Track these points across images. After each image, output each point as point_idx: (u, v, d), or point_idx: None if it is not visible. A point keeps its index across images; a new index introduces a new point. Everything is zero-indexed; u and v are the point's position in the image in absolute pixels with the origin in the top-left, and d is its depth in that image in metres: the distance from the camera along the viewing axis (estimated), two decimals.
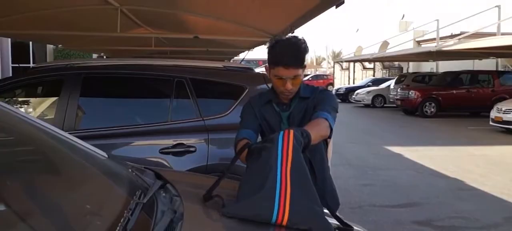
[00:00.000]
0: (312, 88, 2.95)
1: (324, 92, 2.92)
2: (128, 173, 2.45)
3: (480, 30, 20.83)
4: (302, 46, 2.72)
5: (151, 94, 5.11)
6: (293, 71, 2.70)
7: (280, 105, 2.92)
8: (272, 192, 1.97)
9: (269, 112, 2.93)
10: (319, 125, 2.55)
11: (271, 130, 2.87)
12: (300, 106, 2.87)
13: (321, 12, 5.74)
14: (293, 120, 2.86)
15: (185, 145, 4.46)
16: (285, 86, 2.75)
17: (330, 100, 2.81)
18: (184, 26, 9.96)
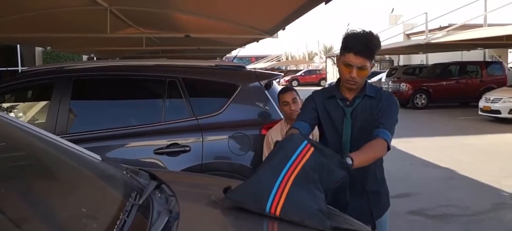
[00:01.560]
0: (377, 89, 2.98)
1: (390, 98, 2.93)
2: (123, 175, 2.45)
3: (468, 22, 20.95)
4: (375, 39, 2.76)
5: (143, 95, 5.10)
6: (361, 60, 2.74)
7: (344, 101, 2.94)
8: (272, 184, 2.07)
9: (332, 106, 2.96)
10: (376, 148, 2.66)
11: (332, 123, 2.95)
12: (365, 104, 2.90)
13: (312, 8, 5.76)
14: (356, 116, 2.90)
15: (179, 145, 4.46)
16: (351, 74, 2.78)
17: (394, 111, 2.86)
18: (175, 25, 9.94)
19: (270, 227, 2.05)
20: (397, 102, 2.93)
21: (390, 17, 42.63)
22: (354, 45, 2.74)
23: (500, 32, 17.44)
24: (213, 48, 16.11)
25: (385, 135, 2.68)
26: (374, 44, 2.75)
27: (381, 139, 2.66)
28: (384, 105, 2.85)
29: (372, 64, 2.81)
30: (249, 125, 4.63)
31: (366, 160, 2.57)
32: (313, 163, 2.17)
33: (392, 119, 2.80)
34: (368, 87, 2.92)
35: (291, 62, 63.76)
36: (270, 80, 4.95)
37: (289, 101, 4.15)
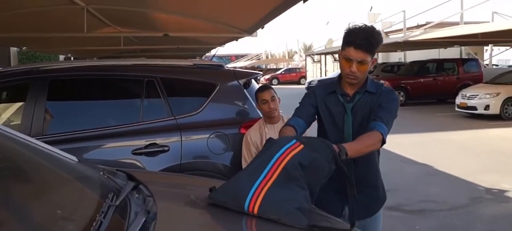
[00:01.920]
0: (377, 84, 2.96)
1: (389, 94, 2.91)
2: (100, 176, 2.43)
3: (444, 20, 21.20)
4: (376, 34, 2.75)
5: (121, 95, 5.05)
6: (361, 54, 2.72)
7: (344, 96, 2.93)
8: (252, 183, 2.07)
9: (333, 102, 2.95)
10: (370, 139, 2.66)
11: (332, 119, 2.94)
12: (365, 100, 2.89)
13: (290, 6, 5.79)
14: (357, 112, 2.89)
15: (158, 145, 4.43)
16: (351, 68, 2.76)
17: (392, 106, 2.85)
18: (154, 24, 9.89)
19: (249, 225, 2.05)
20: (397, 98, 2.94)
21: (368, 15, 42.80)
22: (354, 39, 2.72)
23: (476, 30, 17.70)
24: (192, 47, 16.06)
25: (381, 128, 2.69)
26: (375, 39, 2.74)
27: (376, 132, 2.67)
28: (384, 101, 2.83)
29: (374, 59, 2.82)
30: (228, 124, 4.63)
31: (359, 150, 2.59)
32: (299, 160, 2.14)
33: (390, 114, 2.80)
34: (369, 83, 2.91)
35: (271, 60, 63.81)
36: (248, 79, 4.95)
37: (268, 100, 4.16)
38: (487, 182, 7.69)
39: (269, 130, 4.23)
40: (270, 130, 4.22)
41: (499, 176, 8.10)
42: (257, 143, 4.23)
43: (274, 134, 4.11)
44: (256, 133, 4.28)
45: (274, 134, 4.14)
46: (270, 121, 4.26)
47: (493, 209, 6.53)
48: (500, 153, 10.10)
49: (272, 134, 4.15)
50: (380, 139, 2.67)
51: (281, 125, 4.20)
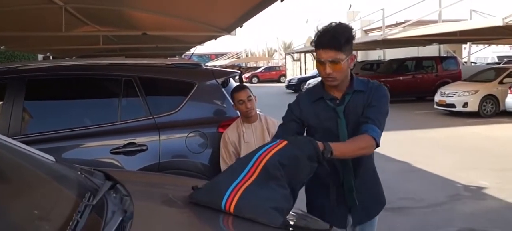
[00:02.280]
0: (365, 82, 2.85)
1: (378, 90, 2.79)
2: (77, 175, 2.43)
3: (423, 18, 21.40)
4: (340, 28, 2.65)
5: (99, 95, 5.03)
6: (331, 53, 2.61)
7: (333, 100, 2.81)
8: (230, 183, 2.09)
9: (322, 108, 2.83)
10: (361, 143, 2.59)
11: (324, 126, 2.81)
12: (356, 100, 2.78)
13: (267, 5, 5.81)
14: (349, 114, 2.77)
15: (136, 144, 4.43)
16: (325, 71, 2.66)
17: (382, 103, 2.74)
18: (132, 23, 9.85)
19: (225, 224, 2.07)
20: (386, 93, 2.81)
21: (348, 13, 43.10)
22: (320, 40, 2.65)
23: (454, 28, 17.92)
24: (171, 46, 16.01)
25: (373, 131, 2.60)
26: (341, 34, 2.63)
27: (368, 136, 2.59)
28: (373, 98, 2.74)
29: (352, 56, 2.71)
30: (206, 122, 4.64)
31: (347, 152, 2.54)
32: (278, 159, 2.13)
33: (381, 112, 2.71)
34: (356, 82, 2.81)
35: (251, 59, 63.92)
36: (227, 78, 4.97)
37: (244, 100, 4.15)
38: (465, 179, 7.79)
39: (246, 129, 4.24)
40: (248, 129, 4.24)
41: (477, 173, 8.21)
42: (235, 142, 4.24)
43: (252, 133, 4.21)
44: (233, 132, 4.28)
45: (252, 133, 4.21)
46: (247, 120, 4.27)
47: (471, 206, 6.62)
48: (478, 150, 10.24)
49: (250, 133, 4.21)
50: (373, 144, 2.60)
51: (259, 124, 4.28)
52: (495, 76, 16.91)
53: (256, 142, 4.10)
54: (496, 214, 6.25)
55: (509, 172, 8.42)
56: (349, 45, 2.67)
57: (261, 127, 4.27)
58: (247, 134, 4.20)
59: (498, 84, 16.25)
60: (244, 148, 4.16)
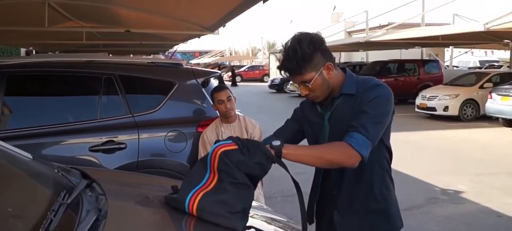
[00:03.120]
0: (361, 82, 2.42)
1: (371, 91, 2.34)
2: (54, 173, 2.43)
3: (406, 21, 21.59)
4: (293, 49, 2.28)
5: (79, 92, 5.02)
6: (296, 78, 2.37)
7: (323, 105, 2.48)
8: (194, 184, 2.05)
9: (312, 114, 2.54)
10: (330, 150, 2.24)
11: (313, 134, 2.53)
12: (345, 105, 2.39)
13: (250, 6, 5.85)
14: (334, 120, 2.42)
15: (115, 142, 4.45)
16: (303, 92, 2.40)
17: (375, 106, 2.29)
18: (116, 20, 9.83)
19: (187, 225, 2.07)
20: (382, 93, 2.35)
21: (332, 15, 43.40)
22: (283, 67, 2.37)
23: (437, 32, 18.13)
24: (154, 43, 16.00)
25: (351, 139, 2.20)
26: (295, 56, 2.27)
27: (344, 143, 2.20)
28: (363, 101, 2.31)
29: (327, 65, 2.34)
30: (186, 122, 4.67)
31: (302, 157, 2.16)
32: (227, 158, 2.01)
33: (370, 117, 2.26)
34: (346, 84, 2.41)
35: (234, 57, 63.87)
36: (207, 78, 5.00)
37: (224, 100, 4.21)
38: (443, 182, 7.88)
39: (225, 129, 4.30)
40: (227, 129, 4.30)
41: (455, 177, 8.32)
42: (212, 141, 4.23)
43: (231, 133, 4.21)
44: (212, 132, 4.33)
45: (231, 133, 4.23)
46: (226, 120, 4.32)
47: (448, 209, 6.69)
48: (457, 154, 10.35)
49: (229, 133, 4.24)
50: (350, 154, 2.19)
51: (238, 124, 4.33)
52: (475, 81, 17.12)
53: None
54: (472, 218, 6.33)
55: (487, 176, 8.53)
56: (316, 59, 2.31)
57: (239, 127, 4.33)
58: (225, 134, 4.23)
59: (478, 88, 16.43)
60: None
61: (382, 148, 2.49)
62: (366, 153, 2.21)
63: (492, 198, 7.15)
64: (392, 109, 2.40)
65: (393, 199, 2.63)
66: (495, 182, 8.11)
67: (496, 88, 14.89)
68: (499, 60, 40.58)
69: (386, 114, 2.34)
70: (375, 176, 2.51)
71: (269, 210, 3.11)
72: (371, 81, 2.41)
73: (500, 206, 6.71)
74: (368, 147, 2.22)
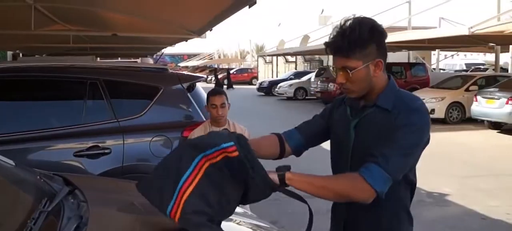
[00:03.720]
0: (401, 98, 2.12)
1: (408, 115, 2.04)
2: (36, 180, 2.43)
3: (393, 25, 21.72)
4: (351, 28, 2.04)
5: (64, 97, 5.01)
6: (340, 60, 2.09)
7: (354, 109, 2.23)
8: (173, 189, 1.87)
9: (340, 114, 2.31)
10: (341, 183, 2.02)
11: (336, 137, 2.31)
12: (375, 118, 2.12)
13: (235, 11, 5.86)
14: (360, 131, 2.17)
15: (100, 147, 4.43)
16: (338, 79, 2.13)
17: (404, 134, 2.00)
18: (103, 23, 9.79)
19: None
20: (418, 121, 2.05)
21: (319, 18, 43.45)
22: (330, 43, 2.11)
23: (424, 36, 18.25)
24: (142, 46, 15.94)
25: (369, 173, 1.94)
26: (353, 34, 2.03)
27: (360, 177, 1.94)
28: (396, 123, 2.03)
29: (377, 61, 2.09)
30: (171, 127, 4.68)
31: (307, 185, 1.97)
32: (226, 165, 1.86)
33: (396, 147, 1.98)
34: (383, 95, 2.14)
35: (223, 60, 63.86)
36: (192, 83, 5.00)
37: (217, 105, 4.21)
38: (428, 185, 7.90)
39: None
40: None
41: (440, 180, 8.36)
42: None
43: None
44: (200, 133, 4.25)
45: None
46: (216, 124, 4.32)
47: (433, 212, 6.75)
48: (443, 157, 10.37)
49: None
50: (360, 187, 1.94)
51: (227, 129, 4.18)
52: (461, 84, 17.25)
53: None
54: (457, 221, 6.40)
55: (472, 179, 8.62)
56: (369, 49, 2.07)
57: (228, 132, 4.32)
58: None
59: (464, 91, 16.57)
60: None
61: (401, 181, 2.12)
62: (383, 187, 1.94)
63: (476, 200, 7.21)
64: (425, 140, 2.10)
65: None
66: (480, 184, 8.19)
67: (481, 91, 15.03)
68: (485, 63, 40.96)
69: (417, 145, 2.05)
70: (387, 210, 2.17)
71: (253, 216, 3.12)
72: (412, 103, 2.10)
73: (485, 209, 6.78)
74: (386, 181, 1.94)
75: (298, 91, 28.37)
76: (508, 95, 13.58)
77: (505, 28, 13.73)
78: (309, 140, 2.42)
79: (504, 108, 13.58)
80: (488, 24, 14.36)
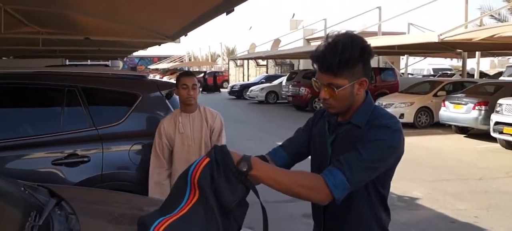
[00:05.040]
0: (374, 116, 2.15)
1: (378, 131, 2.07)
2: (21, 192, 2.39)
3: (364, 30, 21.98)
4: (336, 47, 2.02)
5: (42, 104, 4.92)
6: (326, 77, 2.08)
7: (332, 125, 2.26)
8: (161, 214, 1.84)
9: (319, 129, 2.33)
10: (301, 178, 1.99)
11: (315, 151, 2.34)
12: (349, 135, 2.15)
13: (213, 17, 5.89)
14: (336, 148, 2.19)
15: (78, 155, 4.39)
16: (320, 94, 2.13)
17: (370, 148, 2.02)
18: (75, 26, 9.68)
19: None
20: (387, 138, 2.06)
21: (291, 22, 43.67)
22: (316, 59, 2.10)
23: (393, 42, 18.52)
24: (113, 49, 15.79)
25: (330, 176, 1.96)
26: (344, 53, 2.01)
27: (319, 177, 1.96)
28: (365, 138, 2.05)
29: (361, 80, 2.11)
30: (150, 134, 4.63)
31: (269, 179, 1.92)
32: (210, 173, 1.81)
33: (361, 159, 2.00)
34: (358, 113, 2.17)
35: (194, 63, 63.49)
36: (171, 90, 5.00)
37: (189, 85, 4.15)
38: (399, 189, 8.03)
39: (183, 119, 4.28)
40: (185, 119, 4.28)
41: (410, 184, 8.50)
42: (170, 133, 4.27)
43: (189, 123, 4.26)
44: (170, 122, 4.31)
45: (188, 122, 4.25)
46: (186, 108, 4.27)
47: (404, 216, 6.86)
48: (412, 161, 10.51)
49: (186, 122, 4.25)
50: (320, 188, 1.95)
51: (198, 115, 4.29)
52: (429, 89, 17.58)
53: (193, 133, 4.23)
54: (428, 224, 6.55)
55: (441, 182, 8.80)
56: (357, 69, 2.08)
57: (200, 117, 4.30)
58: (183, 124, 4.24)
59: (432, 97, 16.89)
60: (179, 139, 4.23)
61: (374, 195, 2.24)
62: (340, 195, 1.95)
63: (446, 204, 7.38)
64: (393, 158, 2.12)
65: None
66: (449, 188, 8.36)
67: (449, 97, 15.32)
68: (451, 68, 41.73)
69: (381, 160, 2.05)
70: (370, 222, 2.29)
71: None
72: (383, 120, 2.11)
73: (454, 212, 6.95)
74: (344, 190, 1.96)
75: (270, 95, 28.42)
76: (475, 101, 13.91)
77: (473, 35, 14.05)
78: (295, 158, 2.42)
79: (471, 114, 13.89)
80: (456, 32, 14.67)
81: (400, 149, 2.11)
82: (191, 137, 4.25)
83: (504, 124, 11.82)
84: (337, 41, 2.03)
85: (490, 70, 41.18)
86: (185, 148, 4.25)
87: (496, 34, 12.96)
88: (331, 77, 2.06)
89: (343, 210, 2.17)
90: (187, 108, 4.27)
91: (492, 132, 12.30)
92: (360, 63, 2.07)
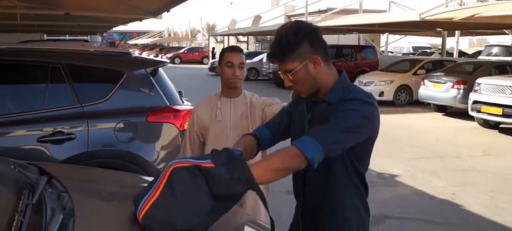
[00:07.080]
0: (348, 92, 2.19)
1: (349, 103, 2.12)
2: (12, 170, 2.39)
3: (345, 8, 22.03)
4: (280, 35, 2.16)
5: (26, 81, 4.91)
6: (280, 66, 2.20)
7: (309, 105, 2.32)
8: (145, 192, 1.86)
9: (299, 110, 2.40)
10: (278, 158, 2.01)
11: (295, 132, 2.40)
12: (323, 113, 2.19)
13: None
14: (312, 126, 2.23)
15: (64, 133, 4.38)
16: (285, 81, 2.23)
17: (342, 117, 2.07)
18: (55, 1, 9.53)
19: None
20: (359, 108, 2.10)
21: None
22: (268, 55, 2.27)
23: (374, 20, 18.61)
24: (93, 24, 15.61)
25: (299, 143, 2.00)
26: (282, 40, 2.15)
27: (292, 146, 2.02)
28: (336, 111, 2.11)
29: (313, 58, 2.15)
30: (135, 112, 4.66)
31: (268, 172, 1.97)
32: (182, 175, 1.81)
33: (329, 125, 2.06)
34: (334, 90, 2.23)
35: (173, 39, 63.05)
36: (156, 68, 5.00)
37: (235, 64, 3.29)
38: (378, 166, 8.15)
39: (223, 104, 3.40)
40: (225, 104, 3.39)
41: (390, 161, 8.62)
42: (204, 121, 3.41)
43: (229, 111, 3.37)
44: (206, 107, 3.47)
45: (229, 109, 3.37)
46: (228, 92, 3.40)
47: (384, 193, 7.01)
48: (391, 139, 10.64)
49: (226, 109, 3.37)
50: (296, 155, 1.98)
51: (242, 102, 3.41)
52: (409, 68, 17.76)
53: (231, 123, 3.34)
54: (407, 201, 6.68)
55: (420, 160, 8.94)
56: (302, 49, 2.15)
57: (244, 106, 3.40)
58: (222, 110, 3.37)
59: (412, 75, 17.07)
60: (214, 128, 3.36)
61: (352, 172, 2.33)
62: (313, 155, 1.97)
63: (424, 181, 7.53)
64: (367, 129, 2.15)
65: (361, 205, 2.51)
66: (427, 166, 8.51)
67: (428, 75, 15.51)
68: (431, 46, 42.04)
69: (353, 126, 2.07)
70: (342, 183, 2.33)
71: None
72: (355, 94, 2.17)
73: (432, 189, 7.10)
74: (315, 149, 1.98)
75: (250, 72, 28.31)
76: (454, 80, 14.10)
77: (453, 15, 14.20)
78: (277, 137, 2.53)
79: (450, 92, 14.08)
80: (437, 11, 14.79)
81: (374, 121, 2.16)
82: (229, 129, 3.35)
83: (482, 102, 11.99)
84: (278, 32, 2.18)
85: (468, 49, 41.59)
86: (222, 139, 3.27)
87: (477, 13, 13.12)
88: (283, 64, 2.18)
89: (321, 185, 2.29)
90: (230, 92, 3.38)
91: (470, 111, 12.47)
92: (305, 43, 2.15)
